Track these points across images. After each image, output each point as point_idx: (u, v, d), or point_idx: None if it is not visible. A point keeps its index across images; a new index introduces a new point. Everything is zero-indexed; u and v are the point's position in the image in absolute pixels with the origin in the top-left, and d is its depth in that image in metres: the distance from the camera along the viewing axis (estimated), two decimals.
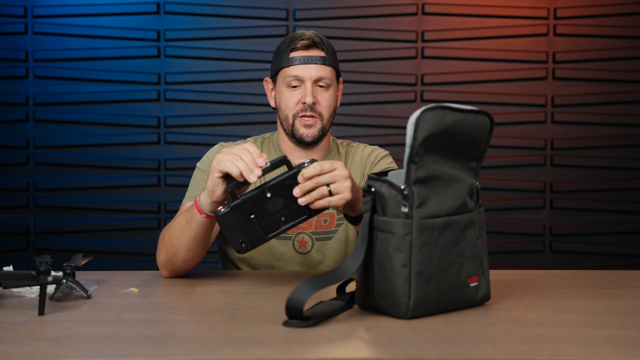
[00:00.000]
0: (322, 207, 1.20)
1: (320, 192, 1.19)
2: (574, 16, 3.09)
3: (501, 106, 3.09)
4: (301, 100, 1.54)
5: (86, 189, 3.06)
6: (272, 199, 1.19)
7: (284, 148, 1.63)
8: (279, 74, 1.58)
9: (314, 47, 1.55)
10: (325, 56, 1.55)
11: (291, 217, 1.21)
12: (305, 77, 1.54)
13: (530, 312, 1.11)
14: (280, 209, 1.20)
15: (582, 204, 3.10)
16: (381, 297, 1.06)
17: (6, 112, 3.05)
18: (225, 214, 1.19)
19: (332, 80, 1.57)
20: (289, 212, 1.21)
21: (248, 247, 1.21)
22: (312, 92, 1.53)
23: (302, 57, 1.54)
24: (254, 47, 3.05)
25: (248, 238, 1.20)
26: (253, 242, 1.21)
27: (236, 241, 1.20)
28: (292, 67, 1.54)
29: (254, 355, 0.89)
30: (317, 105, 1.55)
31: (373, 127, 3.08)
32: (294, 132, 1.57)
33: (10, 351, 0.90)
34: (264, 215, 1.20)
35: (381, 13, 3.09)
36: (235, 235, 1.20)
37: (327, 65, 1.55)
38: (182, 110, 3.07)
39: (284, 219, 1.21)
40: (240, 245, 1.21)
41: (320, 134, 1.57)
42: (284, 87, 1.56)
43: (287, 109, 1.56)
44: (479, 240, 1.12)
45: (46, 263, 1.10)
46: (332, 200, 1.20)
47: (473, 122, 1.08)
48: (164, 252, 1.39)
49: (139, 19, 3.06)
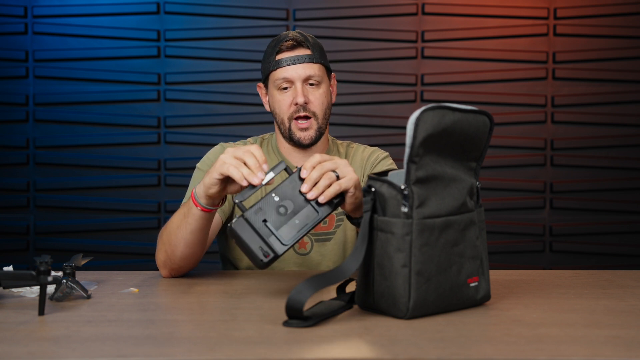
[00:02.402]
0: (333, 194, 1.16)
1: (328, 177, 1.17)
2: (574, 16, 3.09)
3: (501, 106, 3.09)
4: (293, 102, 1.53)
5: (86, 189, 3.06)
6: (281, 203, 1.16)
7: (282, 150, 1.63)
8: (268, 78, 1.58)
9: (299, 47, 1.54)
10: (312, 54, 1.54)
11: (304, 219, 1.17)
12: (294, 78, 1.53)
13: (530, 312, 1.11)
14: (292, 211, 1.16)
15: (582, 204, 3.10)
16: (381, 297, 1.06)
17: (6, 112, 3.05)
18: (238, 223, 1.14)
19: (322, 77, 1.56)
20: (301, 214, 1.17)
21: (270, 254, 1.14)
22: (302, 92, 1.53)
23: (288, 58, 1.53)
24: (254, 47, 3.05)
25: (267, 245, 1.14)
26: (273, 249, 1.14)
27: (256, 249, 1.14)
28: (279, 69, 1.53)
29: (254, 355, 0.89)
30: (310, 105, 1.54)
31: (373, 127, 3.08)
32: (292, 136, 1.56)
33: (10, 351, 0.90)
34: (277, 221, 1.16)
35: (381, 13, 3.09)
36: (253, 245, 1.14)
37: (315, 62, 1.54)
38: (182, 110, 3.07)
39: (298, 222, 1.16)
40: (262, 253, 1.14)
41: (317, 135, 1.57)
42: (275, 91, 1.56)
43: (282, 112, 1.56)
44: (479, 240, 1.12)
45: (46, 263, 1.10)
46: (342, 183, 1.17)
47: (473, 122, 1.08)
48: (163, 250, 1.38)
49: (139, 19, 3.06)
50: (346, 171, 1.19)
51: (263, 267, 1.15)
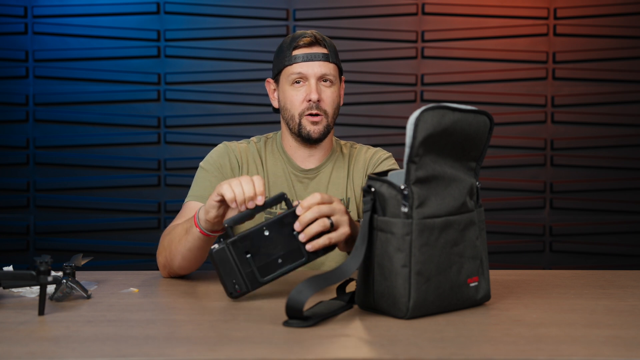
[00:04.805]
0: (321, 246, 1.16)
1: (322, 224, 1.16)
2: (574, 16, 3.09)
3: (501, 106, 3.09)
4: (306, 98, 1.53)
5: (86, 189, 3.06)
6: (269, 238, 1.15)
7: (287, 148, 1.63)
8: (282, 73, 1.57)
9: (317, 45, 1.55)
10: (328, 53, 1.55)
11: (289, 260, 1.15)
12: (309, 74, 1.53)
13: (530, 312, 1.11)
14: (278, 249, 1.15)
15: (582, 204, 3.10)
16: (381, 297, 1.06)
17: (6, 112, 3.05)
18: (220, 251, 1.14)
19: (336, 77, 1.57)
20: (286, 253, 1.15)
21: (242, 289, 1.15)
22: (316, 89, 1.53)
23: (305, 55, 1.53)
24: (254, 47, 3.05)
25: (242, 280, 1.14)
26: (247, 284, 1.14)
27: (229, 282, 1.14)
28: (295, 64, 1.54)
29: (254, 355, 0.89)
30: (322, 103, 1.55)
31: (373, 127, 3.08)
32: (301, 130, 1.56)
33: (10, 351, 0.90)
34: (260, 256, 1.15)
35: (381, 13, 3.09)
36: (228, 276, 1.14)
37: (331, 62, 1.55)
38: (182, 110, 3.07)
39: (281, 262, 1.15)
40: (234, 287, 1.15)
41: (326, 131, 1.57)
42: (288, 86, 1.56)
43: (293, 107, 1.55)
44: (479, 240, 1.12)
45: (46, 263, 1.10)
46: (332, 237, 1.17)
47: (473, 122, 1.08)
48: (163, 254, 1.39)
49: (139, 19, 3.06)
50: (341, 221, 1.18)
51: (233, 298, 1.17)
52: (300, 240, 1.16)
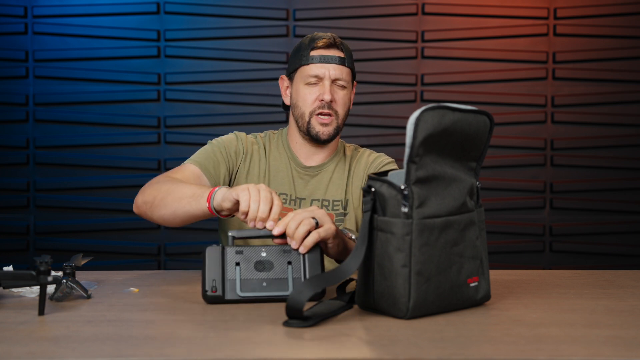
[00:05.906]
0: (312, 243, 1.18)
1: (308, 223, 1.18)
2: (574, 16, 3.09)
3: (501, 106, 3.09)
4: (319, 98, 1.57)
5: (86, 189, 3.06)
6: (264, 261, 1.18)
7: (293, 145, 1.64)
8: (297, 72, 1.60)
9: (334, 47, 1.59)
10: (344, 57, 1.59)
11: (273, 286, 1.17)
12: (325, 76, 1.57)
13: (530, 312, 1.11)
14: (269, 274, 1.18)
15: (582, 204, 3.10)
16: (381, 297, 1.06)
17: (6, 112, 3.05)
18: (214, 250, 1.18)
19: (349, 82, 1.61)
20: (274, 280, 1.17)
21: (218, 291, 1.16)
22: (330, 90, 1.56)
23: (322, 56, 1.57)
24: (254, 47, 3.05)
25: (222, 284, 1.16)
26: (224, 291, 1.16)
27: (209, 280, 1.16)
28: (312, 65, 1.57)
29: (254, 355, 0.89)
30: (334, 104, 1.58)
31: (373, 127, 3.08)
32: (310, 130, 1.58)
33: (10, 351, 0.90)
34: (248, 271, 1.17)
35: (381, 13, 3.09)
36: (210, 274, 1.16)
37: (346, 66, 1.59)
38: (182, 110, 3.07)
39: (265, 285, 1.17)
40: (212, 285, 1.16)
41: (335, 133, 1.60)
42: (302, 85, 1.59)
43: (305, 106, 1.58)
44: (479, 240, 1.12)
45: (46, 263, 1.10)
46: (320, 232, 1.19)
47: (473, 122, 1.08)
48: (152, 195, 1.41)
49: (139, 19, 3.06)
50: (324, 219, 1.21)
51: (206, 299, 1.16)
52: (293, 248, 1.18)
